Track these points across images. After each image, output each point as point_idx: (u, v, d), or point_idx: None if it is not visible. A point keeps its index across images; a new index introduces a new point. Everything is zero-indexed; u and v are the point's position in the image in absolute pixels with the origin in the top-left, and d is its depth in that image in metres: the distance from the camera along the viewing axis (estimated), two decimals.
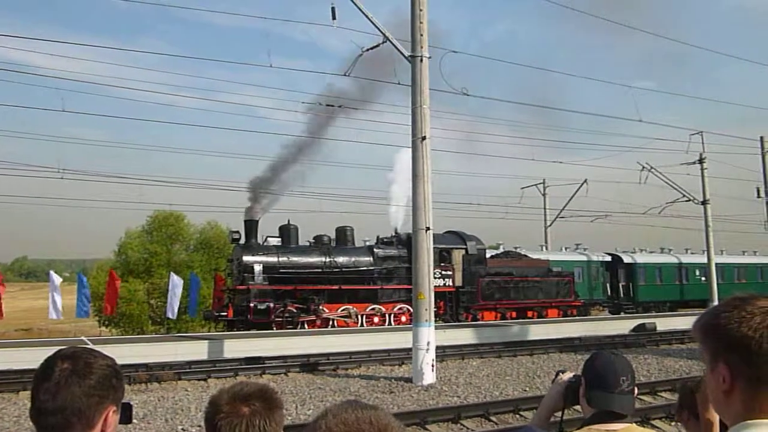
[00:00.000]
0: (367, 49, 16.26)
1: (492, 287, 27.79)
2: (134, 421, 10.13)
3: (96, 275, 42.25)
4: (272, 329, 22.12)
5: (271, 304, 22.57)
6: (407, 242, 26.37)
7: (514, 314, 28.01)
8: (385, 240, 27.31)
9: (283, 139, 26.77)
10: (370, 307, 24.81)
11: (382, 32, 15.33)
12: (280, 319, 22.64)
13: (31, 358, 14.52)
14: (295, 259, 24.11)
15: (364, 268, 25.34)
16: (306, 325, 23.19)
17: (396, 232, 27.56)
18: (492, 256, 30.77)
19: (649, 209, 37.41)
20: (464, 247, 27.45)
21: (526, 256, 32.75)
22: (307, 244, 25.65)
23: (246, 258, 23.20)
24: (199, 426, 10.10)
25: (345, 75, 17.27)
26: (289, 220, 25.39)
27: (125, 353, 15.75)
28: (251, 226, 24.32)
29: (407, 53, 15.06)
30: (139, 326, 38.98)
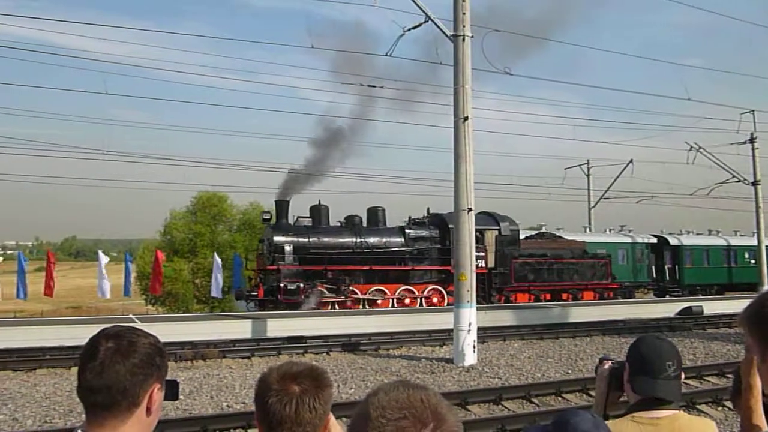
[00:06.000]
0: (409, 29, 16.14)
1: (525, 269, 27.40)
2: (181, 397, 10.38)
3: (142, 254, 43.25)
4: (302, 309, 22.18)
5: (301, 285, 22.64)
6: (439, 223, 26.26)
7: (548, 296, 27.66)
8: (417, 220, 27.01)
9: (325, 120, 26.78)
10: (402, 288, 24.73)
11: (423, 11, 15.18)
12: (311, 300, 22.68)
13: (82, 334, 14.89)
14: (325, 239, 24.05)
15: (396, 249, 25.17)
16: (336, 306, 23.27)
17: (428, 213, 27.35)
18: (526, 237, 30.32)
19: (697, 190, 36.65)
20: (497, 228, 26.96)
21: (561, 237, 32.19)
22: (338, 224, 25.55)
23: (276, 238, 23.24)
24: (244, 403, 10.28)
25: (387, 55, 17.19)
26: (320, 201, 25.30)
27: (171, 331, 16.08)
28: (282, 206, 24.40)
29: (449, 33, 14.90)
30: (184, 305, 39.82)
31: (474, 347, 14.18)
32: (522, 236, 29.42)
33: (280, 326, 18.18)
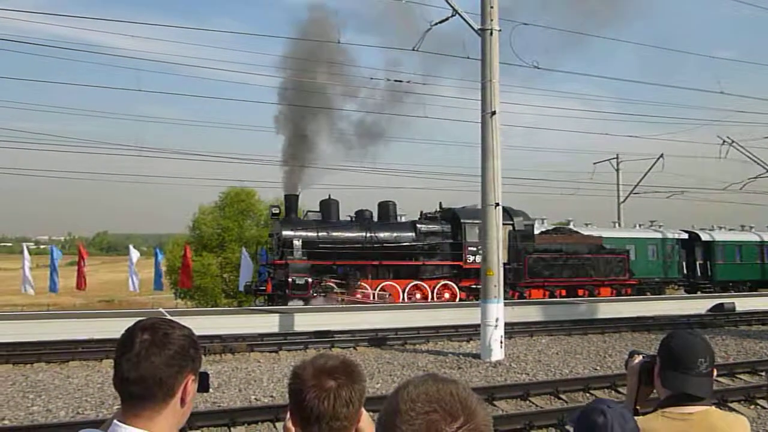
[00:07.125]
0: (436, 23, 16.06)
1: (540, 264, 27.04)
2: (209, 390, 10.49)
3: (172, 249, 43.69)
4: (310, 305, 22.14)
5: (310, 279, 22.60)
6: (451, 218, 26.04)
7: (563, 292, 27.30)
8: (428, 215, 26.76)
9: (350, 116, 26.93)
10: (412, 284, 24.57)
11: (450, 5, 15.09)
12: (319, 295, 22.72)
13: (113, 327, 15.16)
14: (335, 234, 23.94)
15: (406, 244, 24.93)
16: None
17: (440, 207, 27.11)
18: (541, 233, 29.97)
19: (730, 185, 36.03)
20: (510, 222, 26.23)
21: (577, 232, 31.77)
22: (348, 219, 25.43)
23: (285, 233, 23.20)
24: (272, 396, 10.37)
25: (413, 50, 17.11)
26: (330, 195, 25.23)
27: (200, 325, 16.23)
28: (291, 200, 24.35)
29: (477, 26, 14.80)
30: (212, 299, 40.14)
31: (501, 343, 14.12)
32: (537, 231, 29.03)
33: (307, 321, 18.28)
